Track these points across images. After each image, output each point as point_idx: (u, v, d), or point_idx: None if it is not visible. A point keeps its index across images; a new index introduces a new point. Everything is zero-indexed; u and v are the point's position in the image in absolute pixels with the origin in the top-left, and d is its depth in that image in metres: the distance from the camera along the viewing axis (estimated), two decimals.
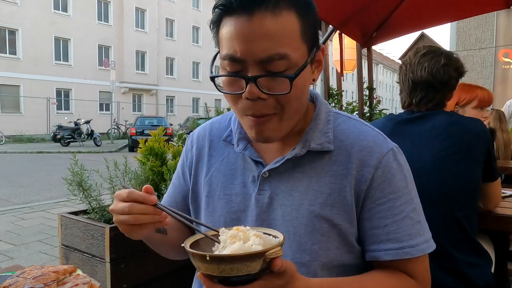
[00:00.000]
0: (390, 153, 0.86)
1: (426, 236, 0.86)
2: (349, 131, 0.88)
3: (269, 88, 0.76)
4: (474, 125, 1.55)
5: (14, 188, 7.63)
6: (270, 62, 0.74)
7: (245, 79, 0.75)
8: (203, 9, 33.97)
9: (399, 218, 0.83)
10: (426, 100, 1.61)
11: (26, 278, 0.82)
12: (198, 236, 0.74)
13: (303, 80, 0.79)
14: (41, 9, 23.27)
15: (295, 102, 0.80)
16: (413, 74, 1.62)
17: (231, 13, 0.75)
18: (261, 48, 0.73)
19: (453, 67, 1.59)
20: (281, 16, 0.74)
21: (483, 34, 6.33)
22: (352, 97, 24.79)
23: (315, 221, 0.83)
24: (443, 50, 1.64)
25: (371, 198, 0.84)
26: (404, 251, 0.82)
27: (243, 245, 0.63)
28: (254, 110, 0.78)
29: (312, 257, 0.83)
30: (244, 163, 0.92)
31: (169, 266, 2.01)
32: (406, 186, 0.85)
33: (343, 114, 0.94)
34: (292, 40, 0.76)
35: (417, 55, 1.64)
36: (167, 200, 1.05)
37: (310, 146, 0.86)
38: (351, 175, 0.84)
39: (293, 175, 0.86)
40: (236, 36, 0.74)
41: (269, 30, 0.73)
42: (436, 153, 1.51)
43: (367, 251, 0.86)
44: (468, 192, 1.51)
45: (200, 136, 1.02)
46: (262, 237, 0.66)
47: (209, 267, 0.61)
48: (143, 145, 2.33)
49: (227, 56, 0.77)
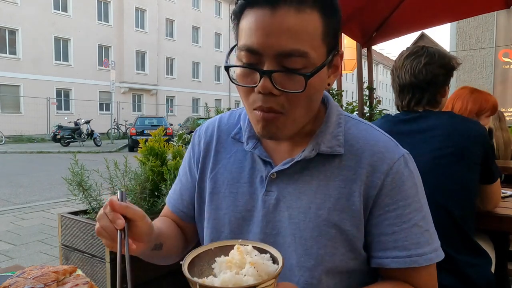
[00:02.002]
0: (401, 159, 0.84)
1: (435, 245, 0.84)
2: (360, 136, 0.87)
3: (283, 85, 0.74)
4: (471, 128, 1.55)
5: (14, 188, 7.63)
6: (287, 57, 0.73)
7: (260, 72, 0.74)
8: (203, 9, 33.96)
9: (408, 226, 0.82)
10: (415, 101, 1.63)
11: (26, 278, 0.82)
12: (200, 249, 0.72)
13: (318, 82, 0.77)
14: (41, 9, 23.27)
15: (305, 104, 0.78)
16: (398, 78, 1.66)
17: (254, 5, 0.74)
18: (280, 42, 0.72)
19: (436, 64, 1.59)
20: (304, 14, 0.73)
21: (483, 34, 6.33)
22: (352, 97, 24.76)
23: (322, 226, 0.81)
24: (426, 49, 1.64)
25: (380, 204, 0.82)
26: (411, 259, 0.81)
27: (235, 276, 0.63)
28: (262, 103, 0.76)
29: (317, 262, 0.81)
30: (253, 162, 0.90)
31: (169, 266, 1.99)
32: (417, 193, 0.84)
33: (354, 117, 0.92)
34: (313, 39, 0.74)
35: (401, 58, 1.66)
36: (174, 197, 1.04)
37: (320, 149, 0.84)
38: (360, 180, 0.82)
39: (302, 178, 0.85)
40: (256, 28, 0.73)
41: (291, 25, 0.72)
42: (431, 155, 1.51)
43: (373, 258, 0.84)
44: (464, 194, 1.51)
45: (208, 131, 1.00)
46: (257, 266, 0.64)
47: None
48: (143, 145, 2.33)
49: (244, 46, 0.75)
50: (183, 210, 1.02)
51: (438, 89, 1.63)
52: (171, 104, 31.45)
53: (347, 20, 3.47)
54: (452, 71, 1.65)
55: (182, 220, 1.03)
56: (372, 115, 4.91)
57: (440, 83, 1.62)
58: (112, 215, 0.74)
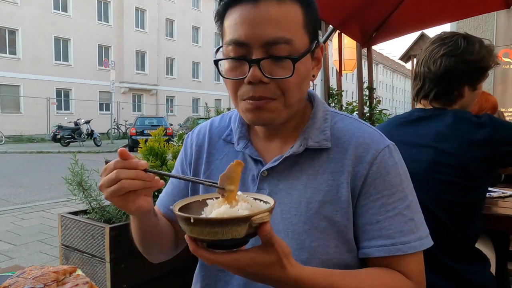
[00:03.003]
0: (386, 149, 0.86)
1: (420, 233, 0.84)
2: (346, 129, 0.89)
3: (271, 72, 0.78)
4: (477, 132, 1.37)
5: (14, 188, 7.62)
6: (274, 45, 0.77)
7: (249, 62, 0.77)
8: (203, 9, 33.96)
9: (392, 214, 0.83)
10: (424, 93, 1.48)
11: (26, 278, 0.82)
12: (189, 200, 0.72)
13: (304, 69, 0.81)
14: (41, 9, 23.28)
15: (295, 89, 0.81)
16: (416, 65, 1.53)
17: (237, 3, 0.79)
18: (266, 31, 0.76)
19: (457, 58, 1.39)
20: (285, 5, 0.78)
21: (483, 34, 6.33)
22: (352, 97, 24.80)
23: (314, 219, 0.83)
24: (456, 37, 1.42)
25: (365, 194, 0.84)
26: (395, 247, 0.81)
27: (229, 209, 0.63)
28: (253, 93, 0.79)
29: (311, 254, 0.83)
30: (244, 161, 0.91)
31: (169, 266, 2.01)
32: (401, 183, 0.85)
33: (340, 113, 0.95)
34: (295, 28, 0.79)
35: (428, 43, 1.49)
36: (165, 199, 1.04)
37: (308, 144, 0.86)
38: (347, 171, 0.84)
39: (292, 174, 0.87)
40: (242, 22, 0.77)
41: (274, 15, 0.77)
42: (431, 161, 1.39)
43: (360, 248, 0.85)
44: (461, 202, 1.37)
45: (200, 134, 1.03)
46: (251, 202, 0.65)
47: (194, 230, 0.60)
48: (143, 145, 2.33)
49: (232, 40, 0.79)
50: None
51: (453, 86, 1.43)
52: (171, 104, 31.45)
53: (347, 20, 3.47)
54: (479, 70, 1.43)
55: (174, 221, 1.02)
56: (372, 115, 4.92)
57: (455, 80, 1.42)
58: (132, 162, 0.72)
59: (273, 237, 0.64)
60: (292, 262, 0.69)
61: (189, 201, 0.72)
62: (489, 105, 2.33)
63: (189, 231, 0.62)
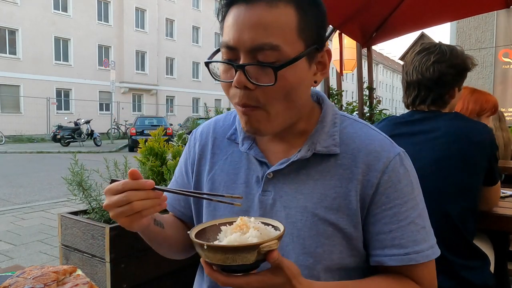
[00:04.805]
0: (397, 158, 0.84)
1: (431, 242, 0.85)
2: (356, 135, 0.87)
3: (257, 79, 0.75)
4: (477, 132, 1.50)
5: (14, 188, 7.62)
6: (260, 51, 0.74)
7: (234, 67, 0.76)
8: (203, 9, 33.95)
9: (404, 223, 0.82)
10: (420, 99, 1.58)
11: (26, 278, 0.82)
12: (205, 225, 0.77)
13: (295, 76, 0.77)
14: (41, 9, 23.27)
15: (281, 98, 0.77)
16: (406, 74, 1.61)
17: (234, 3, 0.78)
18: (252, 36, 0.74)
19: (446, 63, 1.52)
20: (277, 8, 0.75)
21: (483, 34, 6.33)
22: (352, 97, 24.78)
23: (319, 225, 0.82)
24: (439, 46, 1.57)
25: (376, 203, 0.83)
26: (409, 257, 0.81)
27: (240, 237, 0.67)
28: (238, 99, 0.78)
29: (316, 260, 0.82)
30: (249, 163, 0.91)
31: (169, 266, 2.01)
32: (412, 191, 0.84)
33: (350, 117, 0.92)
34: (286, 33, 0.75)
35: (412, 54, 1.60)
36: (170, 197, 1.03)
37: (316, 148, 0.85)
38: (357, 179, 0.82)
39: (298, 177, 0.85)
40: (233, 24, 0.76)
41: (263, 20, 0.74)
42: (433, 157, 1.48)
43: (372, 256, 0.85)
44: (464, 198, 1.47)
45: (204, 133, 1.01)
46: (261, 230, 0.69)
47: (208, 255, 0.66)
48: (143, 145, 2.33)
49: (223, 43, 0.78)
50: (181, 209, 1.03)
51: (446, 89, 1.56)
52: (171, 104, 31.44)
53: (347, 20, 3.47)
54: (464, 72, 1.57)
55: (180, 219, 1.04)
56: (372, 115, 4.92)
57: (448, 83, 1.55)
58: (140, 183, 0.74)
59: (282, 262, 0.66)
60: (301, 281, 0.70)
61: (205, 226, 0.76)
62: (489, 105, 2.33)
63: (204, 256, 0.67)
